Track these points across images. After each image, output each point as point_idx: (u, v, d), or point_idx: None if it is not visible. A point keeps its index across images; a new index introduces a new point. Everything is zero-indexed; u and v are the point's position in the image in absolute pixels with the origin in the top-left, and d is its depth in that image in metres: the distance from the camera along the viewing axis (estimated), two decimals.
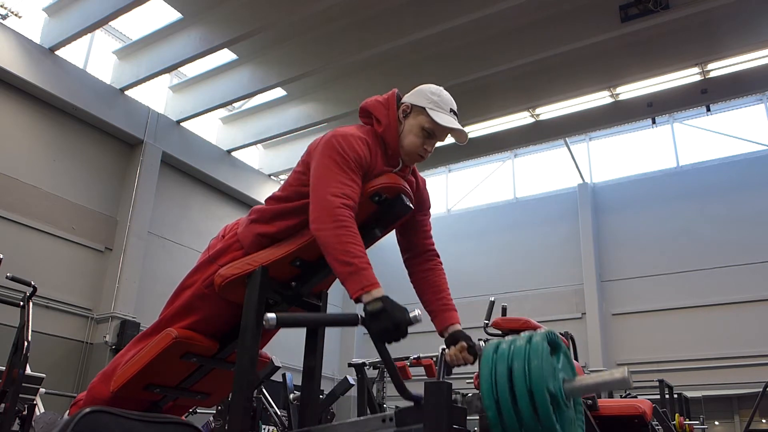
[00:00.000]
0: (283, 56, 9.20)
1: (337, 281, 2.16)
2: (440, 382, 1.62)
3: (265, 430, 5.79)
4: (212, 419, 5.15)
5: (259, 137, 10.98)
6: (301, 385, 2.15)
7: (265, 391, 5.60)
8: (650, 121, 10.75)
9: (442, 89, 2.09)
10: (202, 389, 2.27)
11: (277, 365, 4.42)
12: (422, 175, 2.24)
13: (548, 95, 9.70)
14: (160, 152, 9.87)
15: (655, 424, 3.75)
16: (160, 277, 9.43)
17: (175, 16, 8.77)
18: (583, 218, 12.39)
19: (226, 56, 9.58)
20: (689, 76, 9.24)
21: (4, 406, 3.38)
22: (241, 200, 11.48)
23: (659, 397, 6.85)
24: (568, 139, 12.08)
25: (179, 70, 9.96)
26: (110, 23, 8.83)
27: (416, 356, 6.28)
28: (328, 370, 12.55)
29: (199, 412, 5.63)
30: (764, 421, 11.57)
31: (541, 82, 9.49)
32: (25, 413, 3.64)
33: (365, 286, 1.69)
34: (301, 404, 2.17)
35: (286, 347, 5.76)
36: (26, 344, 3.55)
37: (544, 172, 13.60)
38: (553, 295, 12.23)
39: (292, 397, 5.03)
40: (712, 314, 10.75)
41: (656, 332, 11.11)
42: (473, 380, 6.57)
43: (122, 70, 9.52)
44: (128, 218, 9.20)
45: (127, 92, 9.52)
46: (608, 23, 8.04)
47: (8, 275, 4.09)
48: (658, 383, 6.96)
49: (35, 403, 4.04)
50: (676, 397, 7.54)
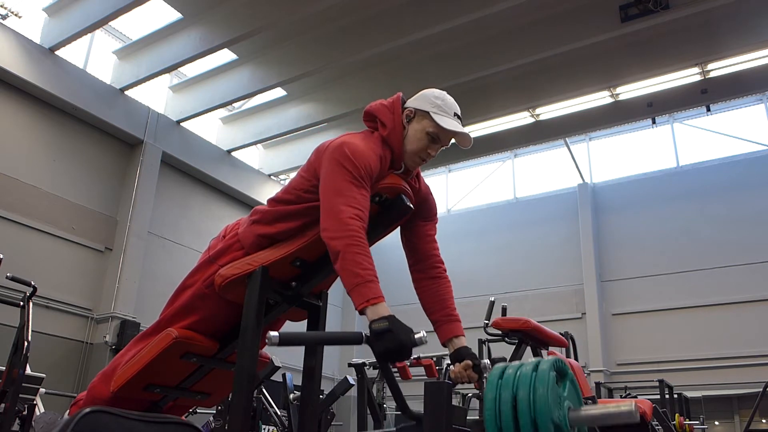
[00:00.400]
0: (283, 56, 9.20)
1: (337, 282, 2.16)
2: (440, 382, 1.62)
3: (265, 430, 5.80)
4: (212, 419, 5.15)
5: (259, 137, 10.98)
6: (301, 385, 2.15)
7: (265, 391, 5.60)
8: (650, 121, 10.75)
9: (445, 94, 2.09)
10: (202, 389, 2.27)
11: (277, 365, 4.42)
12: (423, 175, 2.24)
13: (548, 95, 9.70)
14: (160, 152, 9.87)
15: (655, 424, 3.74)
16: (160, 277, 9.43)
17: (175, 16, 8.77)
18: (583, 218, 12.39)
19: (226, 56, 9.58)
20: (689, 76, 9.24)
21: (4, 406, 3.38)
22: (241, 200, 11.48)
23: (659, 397, 6.85)
24: (568, 139, 12.08)
25: (179, 70, 9.96)
26: (110, 23, 8.83)
27: (416, 356, 6.28)
28: (328, 370, 12.55)
29: (199, 412, 5.63)
30: (764, 421, 11.57)
31: (541, 82, 9.49)
32: (25, 413, 3.64)
33: (370, 298, 1.69)
34: (301, 404, 2.17)
35: (286, 347, 5.75)
36: (26, 344, 3.55)
37: (544, 172, 13.60)
38: (553, 295, 12.24)
39: (292, 397, 5.03)
40: (712, 314, 10.75)
41: (656, 332, 11.11)
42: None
43: (122, 70, 9.52)
44: (128, 218, 9.20)
45: (127, 92, 9.53)
46: (608, 23, 8.05)
47: (8, 275, 4.09)
48: (658, 383, 6.96)
49: (35, 403, 4.03)
50: (676, 397, 7.54)
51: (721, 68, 9.11)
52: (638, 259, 11.73)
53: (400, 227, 2.19)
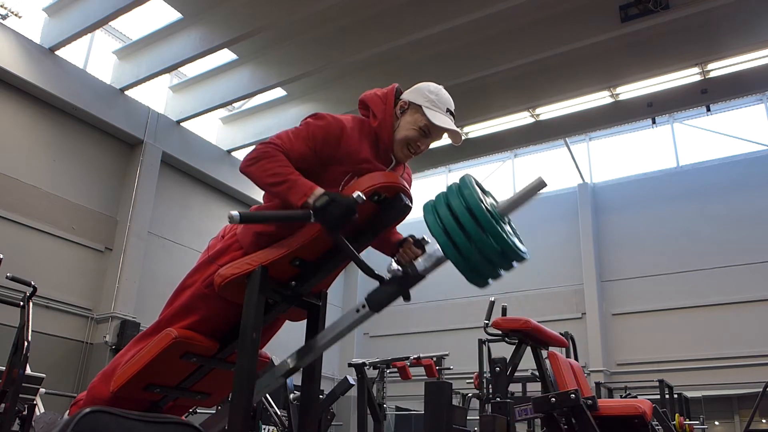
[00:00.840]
0: (283, 56, 9.21)
1: (337, 282, 2.16)
2: (440, 382, 1.62)
3: (265, 430, 5.79)
4: None
5: (259, 137, 10.98)
6: (301, 385, 2.16)
7: None
8: (650, 121, 10.75)
9: (441, 88, 2.10)
10: (202, 389, 2.27)
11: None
12: (423, 174, 2.25)
13: (548, 95, 9.70)
14: (160, 152, 9.87)
15: (655, 424, 3.75)
16: (160, 277, 9.43)
17: (175, 16, 8.77)
18: (583, 218, 12.39)
19: (226, 56, 9.59)
20: (689, 76, 9.24)
21: (4, 406, 3.38)
22: (241, 200, 11.49)
23: (659, 397, 6.85)
24: (568, 139, 12.08)
25: (179, 70, 9.96)
26: (110, 23, 8.83)
27: (416, 356, 6.28)
28: (328, 370, 12.55)
29: (199, 412, 5.63)
30: (764, 421, 11.58)
31: (541, 82, 9.49)
32: (25, 413, 3.64)
33: (305, 192, 1.80)
34: (301, 404, 2.18)
35: (286, 347, 5.75)
36: (26, 344, 3.55)
37: (544, 172, 13.56)
38: (553, 295, 12.23)
39: (292, 397, 5.02)
40: (712, 314, 10.75)
41: (656, 332, 11.11)
42: (473, 380, 6.58)
43: (122, 70, 9.53)
44: (128, 218, 9.20)
45: (127, 92, 9.53)
46: (608, 23, 8.05)
47: (8, 275, 4.10)
48: (658, 383, 6.96)
49: (35, 403, 4.04)
50: (676, 397, 7.54)
51: (721, 68, 9.11)
52: (638, 259, 11.73)
53: None
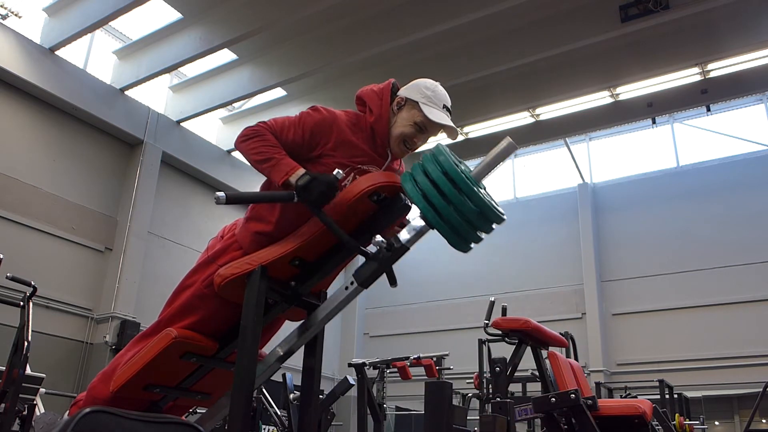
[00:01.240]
0: (283, 56, 9.20)
1: (336, 281, 2.16)
2: (440, 382, 1.62)
3: (265, 430, 5.80)
4: None
5: None
6: (301, 385, 2.16)
7: (265, 391, 5.61)
8: (650, 121, 10.76)
9: (437, 84, 2.11)
10: (202, 389, 2.27)
11: (277, 365, 4.41)
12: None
13: (548, 95, 9.70)
14: (160, 152, 9.87)
15: (655, 424, 3.74)
16: (160, 277, 9.43)
17: (175, 16, 8.77)
18: (583, 218, 12.39)
19: (226, 56, 9.59)
20: (689, 76, 9.25)
21: (4, 406, 3.38)
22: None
23: (659, 397, 6.86)
24: (568, 139, 12.08)
25: (179, 70, 9.96)
26: (110, 23, 8.83)
27: (416, 356, 6.28)
28: (328, 370, 12.55)
29: (199, 412, 5.63)
30: (764, 421, 11.58)
31: (541, 82, 9.49)
32: (25, 413, 3.64)
33: (288, 171, 1.87)
34: (301, 404, 2.18)
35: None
36: (26, 344, 3.54)
37: (544, 172, 13.60)
38: (553, 295, 12.23)
39: (292, 397, 5.03)
40: (712, 314, 10.74)
41: (656, 332, 11.11)
42: (473, 380, 6.58)
43: (122, 70, 9.53)
44: (128, 218, 9.20)
45: (127, 92, 9.53)
46: (608, 23, 8.05)
47: (8, 275, 4.09)
48: (658, 383, 6.96)
49: (35, 403, 4.04)
50: (676, 397, 7.54)
51: (721, 68, 9.11)
52: (638, 259, 11.72)
53: None
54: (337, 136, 2.00)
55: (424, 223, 1.79)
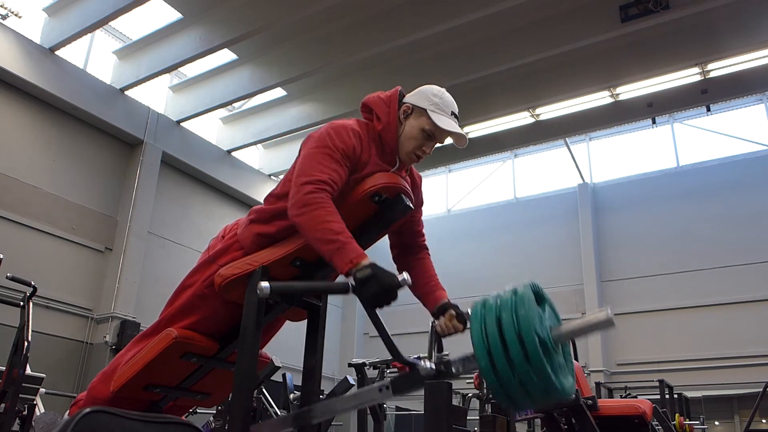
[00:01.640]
0: (283, 56, 9.20)
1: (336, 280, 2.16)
2: (440, 382, 1.62)
3: None
4: (212, 419, 5.15)
5: (259, 137, 10.98)
6: (301, 385, 2.15)
7: (265, 391, 5.60)
8: (650, 121, 10.75)
9: (444, 91, 2.09)
10: (202, 389, 2.27)
11: (277, 365, 4.41)
12: (423, 175, 2.24)
13: (548, 95, 9.70)
14: (160, 152, 9.87)
15: (655, 424, 3.75)
16: (160, 277, 9.43)
17: (175, 16, 8.77)
18: (583, 218, 12.39)
19: (226, 56, 9.58)
20: (689, 76, 9.24)
21: (4, 406, 3.38)
22: (241, 200, 11.49)
23: (659, 397, 6.86)
24: (568, 139, 12.08)
25: (179, 70, 9.96)
26: (110, 23, 8.82)
27: (416, 356, 6.27)
28: (328, 370, 12.54)
29: (199, 412, 5.63)
30: (764, 421, 11.58)
31: (541, 82, 9.49)
32: (25, 413, 3.64)
33: (352, 258, 1.71)
34: (301, 404, 2.17)
35: (286, 347, 5.75)
36: (26, 344, 3.54)
37: (544, 172, 13.60)
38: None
39: (292, 397, 5.03)
40: (712, 314, 10.74)
41: (656, 332, 11.11)
42: (473, 380, 6.58)
43: (122, 70, 9.52)
44: (128, 218, 9.20)
45: (127, 92, 9.53)
46: (608, 23, 8.04)
47: (8, 275, 4.09)
48: (658, 383, 6.96)
49: (35, 403, 4.03)
50: (676, 397, 7.55)
51: (721, 68, 9.11)
52: (638, 259, 11.72)
53: None
54: (363, 151, 1.96)
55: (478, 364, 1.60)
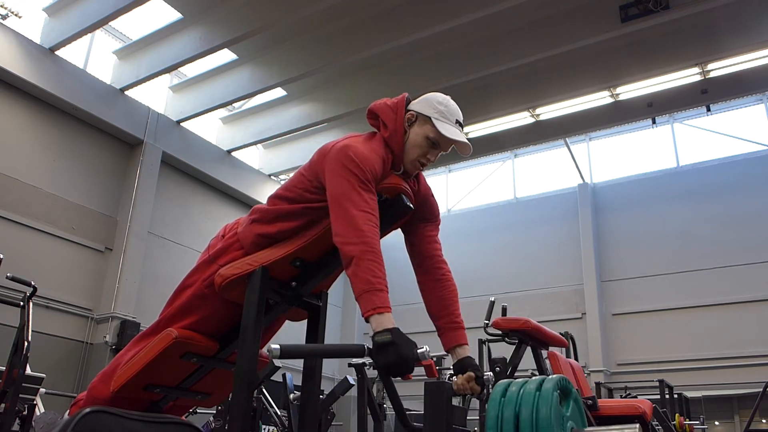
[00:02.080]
0: (283, 56, 9.20)
1: (337, 282, 2.16)
2: (440, 382, 1.62)
3: (265, 430, 5.80)
4: (212, 419, 5.15)
5: (259, 137, 10.98)
6: (301, 385, 2.15)
7: (265, 391, 5.60)
8: (650, 121, 10.75)
9: (449, 99, 2.08)
10: (202, 389, 2.27)
11: (277, 365, 4.41)
12: (423, 173, 2.23)
13: (548, 95, 9.69)
14: (160, 152, 9.87)
15: (655, 424, 3.74)
16: (160, 277, 9.43)
17: (175, 16, 8.77)
18: (583, 218, 12.39)
19: (226, 56, 9.58)
20: (689, 76, 9.24)
21: (4, 406, 3.39)
22: (241, 200, 11.48)
23: (659, 397, 6.85)
24: (568, 139, 12.08)
25: (179, 70, 9.96)
26: (110, 23, 8.82)
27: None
28: (328, 370, 12.54)
29: (199, 412, 5.63)
30: (764, 421, 11.57)
31: (541, 82, 9.48)
32: (25, 413, 3.64)
33: (378, 306, 1.67)
34: (301, 404, 2.17)
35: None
36: (26, 344, 3.55)
37: (544, 172, 13.60)
38: (553, 295, 12.23)
39: (292, 397, 5.02)
40: (712, 314, 10.74)
41: (656, 332, 11.11)
42: None
43: (122, 70, 9.52)
44: (128, 218, 9.20)
45: (127, 92, 9.52)
46: (608, 23, 8.04)
47: (8, 275, 4.09)
48: (658, 383, 6.95)
49: (35, 403, 4.03)
50: (676, 397, 7.54)
51: (721, 68, 9.10)
52: (638, 259, 11.72)
53: (402, 230, 2.18)
54: (381, 168, 1.93)
55: None
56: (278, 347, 1.55)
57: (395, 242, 2.25)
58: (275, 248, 1.94)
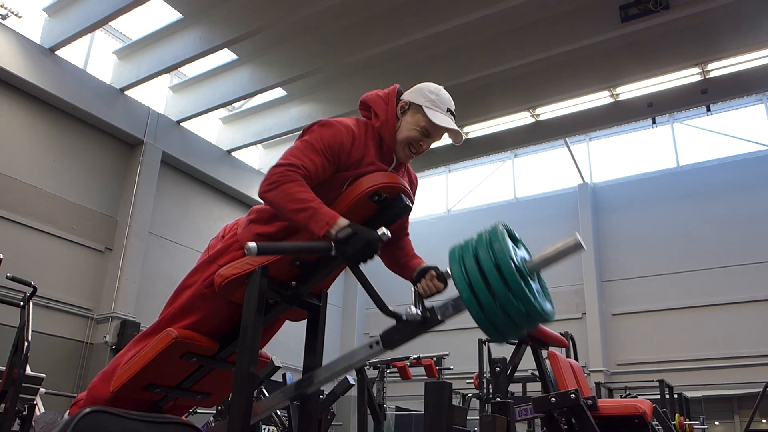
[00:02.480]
0: (283, 56, 9.20)
1: (336, 282, 2.16)
2: (440, 382, 1.63)
3: (265, 430, 5.79)
4: (212, 419, 5.15)
5: (259, 137, 10.98)
6: None
7: (265, 391, 5.60)
8: (650, 121, 10.75)
9: (441, 88, 2.10)
10: (202, 389, 2.27)
11: (277, 365, 4.42)
12: (423, 175, 2.25)
13: (548, 95, 9.70)
14: (160, 152, 9.87)
15: (655, 424, 3.75)
16: (160, 277, 9.43)
17: (175, 16, 8.77)
18: (583, 218, 12.39)
19: (226, 56, 9.58)
20: (689, 76, 9.24)
21: (4, 406, 3.39)
22: (241, 200, 11.48)
23: (659, 397, 6.85)
24: (568, 139, 12.08)
25: (179, 70, 9.96)
26: (110, 23, 8.82)
27: (416, 356, 6.28)
28: None
29: (199, 412, 5.63)
30: (764, 421, 11.58)
31: (541, 82, 9.49)
32: (25, 413, 3.64)
33: (328, 221, 1.78)
34: (301, 404, 2.18)
35: (286, 347, 5.76)
36: (26, 344, 3.55)
37: (544, 172, 13.60)
38: (553, 295, 11.85)
39: None
40: (712, 314, 10.75)
41: (656, 332, 11.11)
42: (473, 380, 6.58)
43: (122, 70, 9.52)
44: (128, 218, 9.20)
45: (127, 92, 9.52)
46: (608, 23, 8.04)
47: (8, 275, 4.10)
48: (658, 383, 6.96)
49: (35, 403, 4.04)
50: (676, 397, 7.55)
51: (721, 68, 9.11)
52: (638, 259, 11.72)
53: None
54: (356, 150, 1.97)
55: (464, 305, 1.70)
56: (255, 245, 1.66)
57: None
58: None
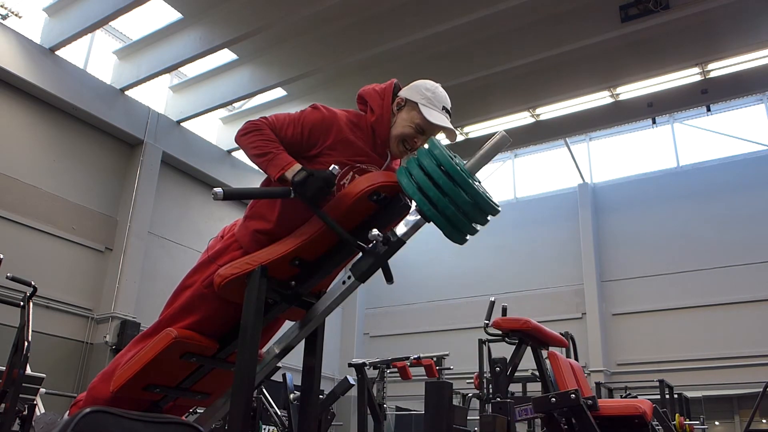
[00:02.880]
0: (283, 56, 9.21)
1: (336, 281, 2.16)
2: (441, 382, 1.63)
3: (265, 430, 5.79)
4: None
5: None
6: (301, 385, 2.16)
7: (265, 391, 5.60)
8: (650, 121, 10.75)
9: (438, 86, 2.11)
10: (202, 389, 2.27)
11: (277, 365, 4.41)
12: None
13: (548, 95, 9.70)
14: (160, 152, 9.87)
15: (655, 424, 3.75)
16: (160, 277, 9.43)
17: (175, 16, 8.77)
18: (583, 218, 12.39)
19: (226, 56, 9.59)
20: (689, 76, 9.24)
21: (4, 406, 3.39)
22: (241, 200, 11.48)
23: (659, 397, 6.86)
24: (568, 139, 12.08)
25: (179, 70, 9.96)
26: (110, 23, 8.83)
27: (416, 356, 6.28)
28: (328, 370, 12.55)
29: (199, 412, 5.62)
30: (764, 421, 11.58)
31: (541, 82, 9.49)
32: (25, 413, 3.64)
33: (284, 166, 1.88)
34: (301, 404, 2.18)
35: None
36: (26, 344, 3.55)
37: (544, 172, 13.60)
38: (553, 295, 12.23)
39: (292, 397, 5.02)
40: (712, 314, 10.75)
41: (656, 332, 11.11)
42: (473, 380, 6.58)
43: (122, 70, 9.52)
44: (128, 218, 9.20)
45: (127, 92, 9.53)
46: (608, 23, 8.05)
47: (8, 275, 4.09)
48: (658, 383, 6.96)
49: (35, 403, 4.04)
50: (676, 397, 7.55)
51: (721, 68, 9.11)
52: (638, 259, 11.73)
53: None
54: (336, 134, 2.00)
55: (419, 216, 1.81)
56: (221, 190, 1.77)
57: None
58: (274, 247, 1.94)
